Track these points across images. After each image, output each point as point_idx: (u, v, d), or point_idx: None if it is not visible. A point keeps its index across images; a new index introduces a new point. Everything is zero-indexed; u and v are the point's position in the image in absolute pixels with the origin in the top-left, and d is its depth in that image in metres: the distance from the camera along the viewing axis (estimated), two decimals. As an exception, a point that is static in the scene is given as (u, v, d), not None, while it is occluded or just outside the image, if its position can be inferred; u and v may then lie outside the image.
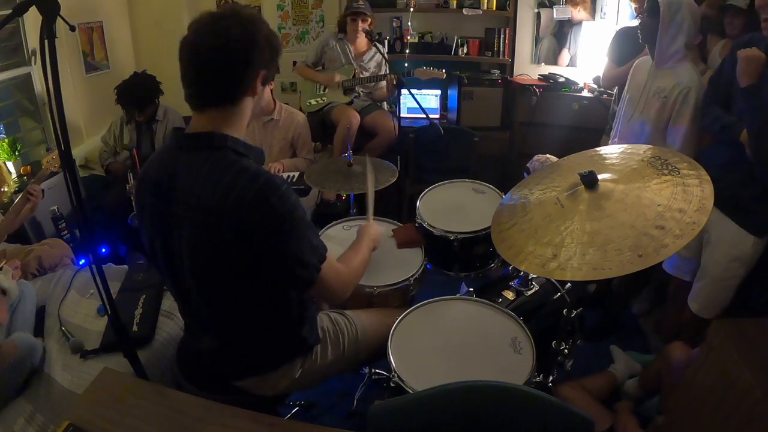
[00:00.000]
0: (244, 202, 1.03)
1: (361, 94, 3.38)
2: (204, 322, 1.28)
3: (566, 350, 1.53)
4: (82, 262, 2.28)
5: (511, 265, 1.54)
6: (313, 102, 3.36)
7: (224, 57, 1.04)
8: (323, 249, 1.18)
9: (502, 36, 3.63)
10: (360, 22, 3.15)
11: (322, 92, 3.34)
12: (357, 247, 1.43)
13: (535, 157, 2.33)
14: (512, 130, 3.60)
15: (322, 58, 3.34)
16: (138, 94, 2.80)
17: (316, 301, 1.48)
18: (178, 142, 1.14)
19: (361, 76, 3.26)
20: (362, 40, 3.31)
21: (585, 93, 3.35)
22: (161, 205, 1.12)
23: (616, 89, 2.59)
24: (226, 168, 1.06)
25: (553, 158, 2.24)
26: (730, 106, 1.71)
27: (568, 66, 3.59)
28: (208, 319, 1.26)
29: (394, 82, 3.04)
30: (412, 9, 3.63)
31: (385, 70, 3.25)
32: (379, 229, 1.60)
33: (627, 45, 2.46)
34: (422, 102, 3.14)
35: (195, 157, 1.10)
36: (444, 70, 3.05)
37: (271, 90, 2.87)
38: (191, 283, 1.17)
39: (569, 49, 3.56)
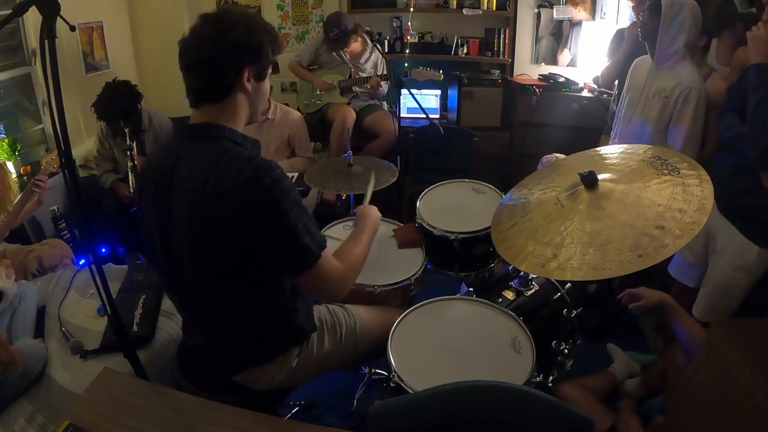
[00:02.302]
0: (238, 183, 1.05)
1: (360, 94, 3.37)
2: (199, 314, 1.29)
3: (566, 350, 1.53)
4: (82, 262, 2.28)
5: (511, 265, 1.54)
6: (310, 103, 3.36)
7: (201, 57, 1.09)
8: (322, 239, 1.17)
9: (502, 36, 3.63)
10: (348, 45, 3.13)
11: (318, 93, 3.33)
12: (357, 239, 1.37)
13: (544, 158, 2.31)
14: (512, 130, 3.60)
15: (318, 59, 3.33)
16: (119, 104, 2.63)
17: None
18: (180, 133, 1.19)
19: (357, 76, 3.25)
20: (357, 43, 3.29)
21: (585, 93, 3.35)
22: (161, 192, 1.15)
23: (615, 89, 2.59)
24: (222, 154, 1.10)
25: (562, 156, 2.23)
26: (746, 115, 1.70)
27: (568, 66, 3.59)
28: (203, 311, 1.27)
29: (381, 82, 3.10)
30: (412, 9, 3.63)
31: (383, 70, 3.24)
32: (376, 212, 1.54)
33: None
34: (422, 102, 3.14)
35: (195, 146, 1.14)
36: (441, 71, 3.04)
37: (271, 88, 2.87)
38: (187, 273, 1.18)
39: (569, 49, 3.56)
